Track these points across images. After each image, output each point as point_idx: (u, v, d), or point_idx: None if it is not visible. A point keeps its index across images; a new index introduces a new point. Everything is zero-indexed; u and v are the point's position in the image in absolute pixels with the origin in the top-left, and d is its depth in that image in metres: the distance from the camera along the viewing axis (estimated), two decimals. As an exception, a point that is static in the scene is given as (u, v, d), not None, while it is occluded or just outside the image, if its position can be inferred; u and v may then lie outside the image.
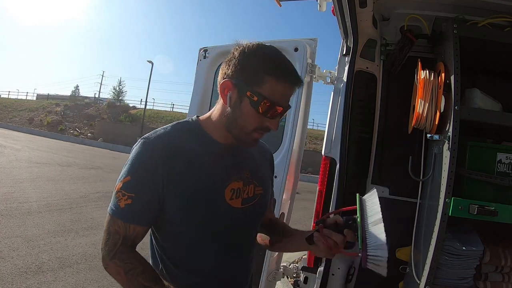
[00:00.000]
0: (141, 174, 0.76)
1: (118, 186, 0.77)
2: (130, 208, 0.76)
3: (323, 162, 1.89)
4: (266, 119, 0.78)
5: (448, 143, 1.31)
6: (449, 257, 1.36)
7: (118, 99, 31.21)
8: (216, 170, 0.81)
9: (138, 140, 0.80)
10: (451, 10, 1.62)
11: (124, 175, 0.77)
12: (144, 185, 0.76)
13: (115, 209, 0.77)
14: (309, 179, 12.71)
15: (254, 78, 0.75)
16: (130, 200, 0.76)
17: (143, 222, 0.79)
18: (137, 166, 0.77)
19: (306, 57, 1.95)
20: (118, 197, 0.77)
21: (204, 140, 0.82)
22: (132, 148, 0.80)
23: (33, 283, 2.66)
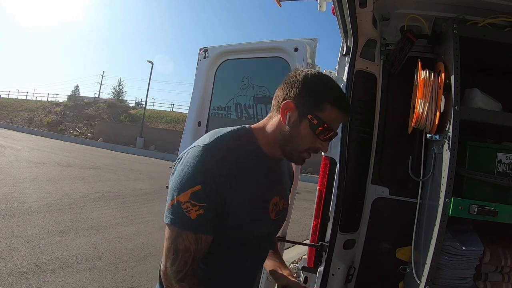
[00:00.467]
0: (211, 184, 0.76)
1: (185, 197, 0.74)
2: (203, 218, 0.75)
3: (323, 162, 1.89)
4: (318, 141, 0.85)
5: (448, 143, 1.31)
6: (449, 257, 1.36)
7: (118, 99, 31.17)
8: (265, 185, 0.88)
9: (195, 146, 0.80)
10: (451, 10, 1.62)
11: (190, 184, 0.75)
12: (214, 194, 0.76)
13: (184, 222, 0.74)
14: (309, 179, 12.71)
15: (316, 104, 0.82)
16: (202, 210, 0.75)
17: (214, 231, 0.79)
18: (206, 175, 0.76)
19: (306, 57, 1.95)
20: (186, 208, 0.74)
21: (258, 153, 0.87)
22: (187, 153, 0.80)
23: (33, 283, 2.66)
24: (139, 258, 3.54)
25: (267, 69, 2.12)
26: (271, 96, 2.23)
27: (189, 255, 0.75)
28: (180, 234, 0.75)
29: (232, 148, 0.81)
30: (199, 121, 2.28)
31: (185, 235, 0.75)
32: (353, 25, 1.72)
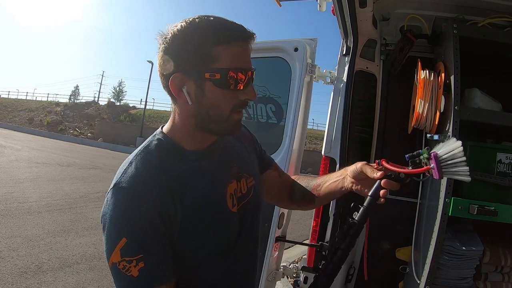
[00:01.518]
0: (138, 230, 0.61)
1: (116, 256, 0.60)
2: (147, 271, 0.61)
3: (323, 162, 1.89)
4: (240, 92, 0.66)
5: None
6: (449, 257, 1.36)
7: (118, 99, 31.21)
8: (210, 181, 0.71)
9: (112, 187, 0.65)
10: (451, 10, 1.62)
11: (115, 240, 0.61)
12: (147, 239, 0.62)
13: (128, 285, 0.62)
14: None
15: (204, 57, 0.63)
16: (141, 262, 0.61)
17: (169, 275, 0.64)
18: (129, 224, 0.61)
19: (306, 57, 1.95)
20: (124, 268, 0.61)
21: (185, 156, 0.70)
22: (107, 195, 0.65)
23: (33, 283, 2.66)
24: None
25: (267, 69, 2.12)
26: (272, 96, 2.25)
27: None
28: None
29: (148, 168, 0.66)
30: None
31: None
32: (353, 25, 1.73)
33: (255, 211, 0.82)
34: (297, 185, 1.00)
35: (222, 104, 0.66)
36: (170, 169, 0.67)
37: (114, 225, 0.62)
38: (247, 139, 0.91)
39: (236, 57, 0.64)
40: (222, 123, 0.68)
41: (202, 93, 0.65)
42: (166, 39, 0.65)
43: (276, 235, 1.88)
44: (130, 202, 0.62)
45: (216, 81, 0.63)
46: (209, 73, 0.63)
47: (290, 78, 1.99)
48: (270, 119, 2.10)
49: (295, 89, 1.94)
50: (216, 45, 0.63)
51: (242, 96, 0.67)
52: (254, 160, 0.90)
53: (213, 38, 0.63)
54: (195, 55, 0.63)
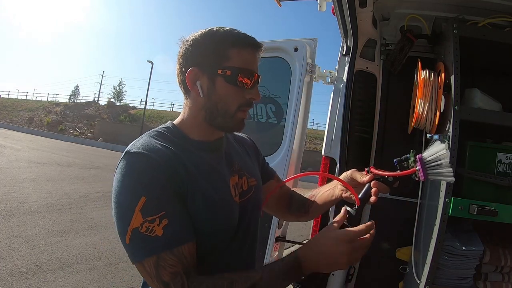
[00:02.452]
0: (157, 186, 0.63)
1: (137, 220, 0.60)
2: (171, 228, 0.61)
3: (323, 162, 1.89)
4: (246, 92, 0.74)
5: (448, 143, 1.31)
6: (449, 257, 1.36)
7: (118, 99, 31.22)
8: (215, 170, 0.75)
9: (124, 155, 0.67)
10: (451, 10, 1.62)
11: (133, 202, 0.61)
12: (167, 195, 0.63)
13: (154, 245, 0.60)
14: (309, 179, 12.71)
15: (220, 56, 0.71)
16: (165, 220, 0.61)
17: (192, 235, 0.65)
18: (146, 181, 0.63)
19: (306, 57, 1.95)
20: (147, 230, 0.60)
21: (191, 144, 0.75)
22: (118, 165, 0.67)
23: (33, 283, 2.66)
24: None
25: (267, 69, 2.12)
26: (272, 96, 2.25)
27: (180, 278, 0.61)
28: (158, 262, 0.60)
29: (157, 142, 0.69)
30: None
31: (162, 260, 0.60)
32: (353, 25, 1.73)
33: (254, 210, 0.85)
34: (295, 196, 1.04)
35: (229, 99, 0.73)
36: (177, 148, 0.71)
37: (130, 187, 0.62)
38: (251, 147, 0.97)
39: (246, 60, 0.73)
40: (227, 118, 0.74)
41: (213, 88, 0.72)
42: (187, 42, 0.75)
43: (276, 235, 1.88)
44: (145, 162, 0.64)
45: (227, 77, 0.71)
46: (221, 69, 0.71)
47: (290, 78, 1.99)
48: (270, 119, 2.10)
49: (295, 89, 1.94)
50: (230, 48, 0.72)
51: (248, 95, 0.74)
52: (256, 166, 0.94)
53: (227, 41, 0.72)
54: (211, 54, 0.72)
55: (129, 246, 0.62)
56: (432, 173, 0.76)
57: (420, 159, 0.76)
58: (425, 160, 0.76)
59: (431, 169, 0.76)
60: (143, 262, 0.61)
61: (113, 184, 0.66)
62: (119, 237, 0.64)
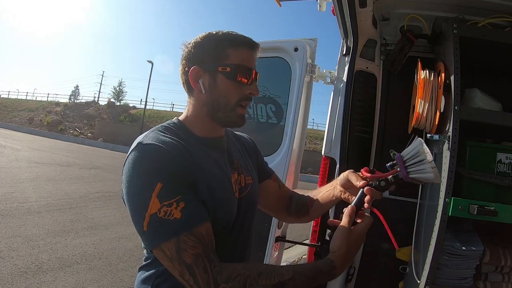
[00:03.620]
0: (171, 173, 0.66)
1: (154, 205, 0.62)
2: (188, 210, 0.64)
3: (323, 162, 1.89)
4: (245, 87, 0.79)
5: (448, 143, 1.31)
6: (449, 257, 1.36)
7: (118, 99, 31.21)
8: (219, 165, 0.80)
9: (135, 147, 0.70)
10: (451, 10, 1.62)
11: (149, 188, 0.63)
12: (181, 181, 0.66)
13: (172, 229, 0.62)
14: (309, 179, 12.70)
15: (219, 55, 0.77)
16: (182, 203, 0.64)
17: (207, 216, 0.68)
18: (160, 168, 0.65)
19: (306, 57, 1.95)
20: (165, 213, 0.62)
21: (196, 139, 0.79)
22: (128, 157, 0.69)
23: (33, 283, 2.66)
24: (139, 258, 3.53)
25: (267, 69, 2.12)
26: (271, 96, 2.25)
27: (201, 260, 0.62)
28: (178, 244, 0.62)
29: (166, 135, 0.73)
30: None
31: (183, 242, 0.62)
32: (353, 25, 1.73)
33: (249, 207, 0.87)
34: (295, 197, 1.05)
35: (229, 94, 0.78)
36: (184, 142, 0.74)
37: (145, 175, 0.65)
38: (250, 146, 1.00)
39: (243, 58, 0.78)
40: (228, 113, 0.79)
41: (214, 84, 0.78)
42: (189, 45, 0.80)
43: (276, 235, 1.88)
44: (158, 152, 0.67)
45: (226, 73, 0.77)
46: (221, 67, 0.77)
47: (290, 78, 1.99)
48: (270, 119, 2.10)
49: (295, 89, 1.94)
50: (228, 47, 0.78)
51: (247, 90, 0.79)
52: (254, 165, 0.97)
53: (226, 42, 0.78)
54: (211, 53, 0.78)
55: (147, 232, 0.64)
56: (413, 171, 0.74)
57: (398, 157, 0.73)
58: (404, 158, 0.73)
59: (412, 167, 0.73)
60: (162, 246, 0.63)
61: (125, 175, 0.68)
62: (135, 226, 0.67)
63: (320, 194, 0.99)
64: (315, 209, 1.00)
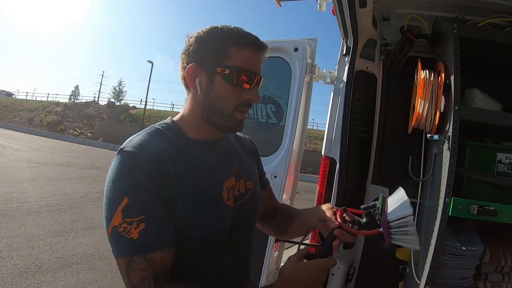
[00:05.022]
0: (141, 189, 0.63)
1: (117, 218, 0.61)
2: (147, 233, 0.61)
3: (323, 162, 1.89)
4: (245, 92, 0.72)
5: (448, 143, 1.31)
6: (449, 257, 1.36)
7: (118, 99, 31.22)
8: (209, 171, 0.74)
9: (117, 152, 0.68)
10: (451, 10, 1.62)
11: (116, 201, 0.62)
12: (150, 197, 0.63)
13: (126, 247, 0.61)
14: (309, 179, 12.70)
15: (219, 54, 0.70)
16: (142, 224, 0.61)
17: (168, 243, 0.64)
18: (132, 183, 0.63)
19: (306, 57, 1.95)
20: (124, 231, 0.61)
21: (188, 142, 0.74)
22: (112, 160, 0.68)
23: (33, 283, 2.66)
24: (139, 258, 3.54)
25: (267, 69, 2.11)
26: (272, 96, 2.24)
27: (148, 283, 0.61)
28: (129, 263, 0.61)
29: (156, 145, 0.68)
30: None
31: (133, 263, 0.61)
32: (353, 25, 1.73)
33: (251, 213, 0.84)
34: (280, 212, 1.01)
35: (227, 98, 0.72)
36: (172, 147, 0.70)
37: (117, 186, 0.63)
38: (251, 150, 0.96)
39: (246, 59, 0.71)
40: (224, 118, 0.73)
41: (212, 85, 0.71)
42: (191, 38, 0.74)
43: (276, 235, 1.88)
44: (134, 163, 0.64)
45: (225, 75, 0.70)
46: (220, 67, 0.70)
47: (290, 78, 1.99)
48: (270, 119, 2.10)
49: (295, 89, 1.94)
50: (231, 46, 0.71)
51: (246, 96, 0.73)
52: (255, 170, 0.92)
53: (229, 39, 0.71)
54: (211, 51, 0.71)
55: (110, 240, 0.64)
56: (396, 239, 0.70)
57: (384, 222, 0.69)
58: (389, 224, 0.69)
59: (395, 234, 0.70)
60: (117, 259, 0.63)
61: (107, 178, 0.66)
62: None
63: (301, 217, 0.93)
64: (292, 231, 0.96)
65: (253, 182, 0.86)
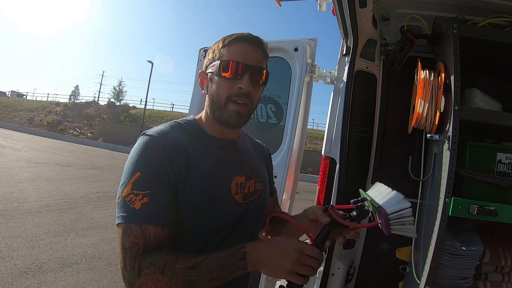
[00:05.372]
0: (152, 167, 0.70)
1: (128, 189, 0.69)
2: (147, 207, 0.68)
3: (323, 162, 1.89)
4: (236, 82, 0.77)
5: (448, 143, 1.31)
6: (449, 257, 1.36)
7: (118, 99, 31.21)
8: (220, 166, 0.81)
9: (140, 134, 0.77)
10: (451, 10, 1.62)
11: (130, 174, 0.70)
12: (158, 177, 0.70)
13: (127, 215, 0.68)
14: (309, 179, 12.71)
15: (215, 58, 0.81)
16: (146, 198, 0.68)
17: (164, 222, 0.70)
18: (145, 161, 0.71)
19: (306, 57, 1.95)
20: (130, 200, 0.68)
21: (204, 137, 0.82)
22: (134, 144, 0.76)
23: (33, 283, 2.66)
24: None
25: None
26: (271, 96, 2.24)
27: (137, 249, 0.67)
28: (126, 229, 0.68)
29: (176, 135, 0.77)
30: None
31: (130, 230, 0.67)
32: (353, 25, 1.72)
33: (258, 212, 0.88)
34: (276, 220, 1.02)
35: (219, 91, 0.79)
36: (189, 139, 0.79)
37: (133, 162, 0.72)
38: (266, 159, 1.02)
39: (233, 53, 0.79)
40: (222, 111, 0.79)
41: (211, 84, 0.81)
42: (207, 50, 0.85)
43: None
44: (152, 145, 0.73)
45: (215, 71, 0.79)
46: (213, 66, 0.80)
47: (290, 78, 1.99)
48: (270, 119, 2.10)
49: (295, 89, 1.94)
50: (223, 47, 0.80)
51: (236, 85, 0.78)
52: (266, 174, 0.98)
53: (223, 43, 0.81)
54: (211, 58, 0.83)
55: (116, 208, 0.70)
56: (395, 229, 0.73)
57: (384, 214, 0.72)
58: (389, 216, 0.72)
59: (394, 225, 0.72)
60: (118, 225, 0.69)
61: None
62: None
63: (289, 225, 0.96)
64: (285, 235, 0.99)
65: (262, 185, 0.91)
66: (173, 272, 0.65)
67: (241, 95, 0.78)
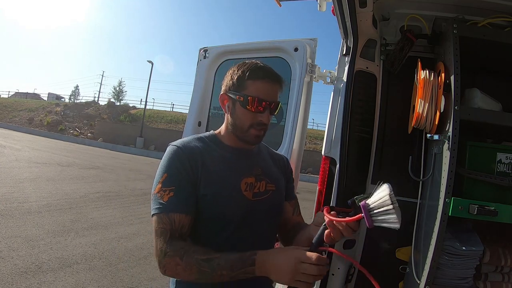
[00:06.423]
0: (176, 169, 0.89)
1: (158, 187, 0.88)
2: (172, 199, 0.86)
3: (323, 162, 1.89)
4: (258, 115, 0.94)
5: (448, 143, 1.31)
6: (449, 257, 1.36)
7: (118, 99, 31.20)
8: (232, 167, 0.97)
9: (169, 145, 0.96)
10: (451, 10, 1.62)
11: (160, 175, 0.89)
12: (181, 176, 0.89)
13: (158, 207, 0.86)
14: (309, 179, 12.71)
15: (240, 86, 0.95)
16: (172, 192, 0.87)
17: (187, 210, 0.87)
18: (171, 163, 0.90)
19: (306, 57, 1.95)
20: (160, 196, 0.87)
21: (220, 146, 1.00)
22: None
23: (33, 283, 2.66)
24: (139, 258, 3.55)
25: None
26: (271, 96, 2.22)
27: (166, 233, 0.84)
28: (157, 219, 0.85)
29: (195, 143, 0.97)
30: (199, 121, 2.28)
31: (160, 219, 0.85)
32: (353, 25, 1.72)
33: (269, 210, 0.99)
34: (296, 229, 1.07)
35: (243, 119, 0.96)
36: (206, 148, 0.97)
37: (162, 166, 0.91)
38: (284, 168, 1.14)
39: (257, 89, 0.94)
40: (243, 133, 0.97)
41: (234, 109, 0.97)
42: (228, 72, 1.00)
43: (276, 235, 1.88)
44: (176, 153, 0.93)
45: (241, 102, 0.94)
46: (238, 95, 0.95)
47: (290, 78, 1.99)
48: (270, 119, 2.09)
49: (295, 89, 1.94)
50: (247, 79, 0.94)
51: (259, 118, 0.95)
52: (281, 178, 1.09)
53: (246, 73, 0.95)
54: (234, 84, 0.96)
55: (151, 202, 0.88)
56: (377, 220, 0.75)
57: (363, 206, 0.74)
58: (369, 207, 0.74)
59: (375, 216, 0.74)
60: (152, 217, 0.87)
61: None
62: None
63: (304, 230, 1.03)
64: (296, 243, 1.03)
65: (275, 186, 1.03)
66: (190, 260, 0.80)
67: (262, 125, 0.96)
